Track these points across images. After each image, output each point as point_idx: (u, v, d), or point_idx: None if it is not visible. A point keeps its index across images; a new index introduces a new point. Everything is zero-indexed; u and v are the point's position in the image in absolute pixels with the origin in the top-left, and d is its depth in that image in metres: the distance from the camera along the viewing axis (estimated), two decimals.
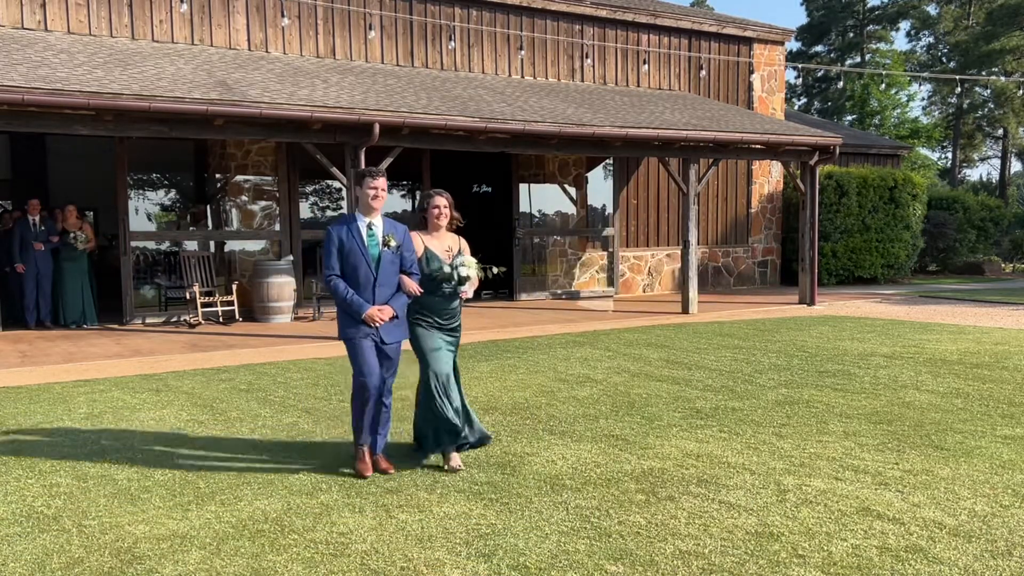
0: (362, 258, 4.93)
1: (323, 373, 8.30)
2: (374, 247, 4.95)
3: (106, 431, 6.05)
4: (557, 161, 15.71)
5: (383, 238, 4.98)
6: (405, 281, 5.03)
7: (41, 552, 3.86)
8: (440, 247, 5.22)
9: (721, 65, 17.56)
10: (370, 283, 4.93)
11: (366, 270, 4.93)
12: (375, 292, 4.94)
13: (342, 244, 4.94)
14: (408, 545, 3.88)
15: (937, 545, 3.82)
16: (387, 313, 4.93)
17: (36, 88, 8.62)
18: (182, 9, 12.43)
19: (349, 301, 4.89)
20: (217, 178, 13.25)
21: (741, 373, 8.09)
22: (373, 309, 4.90)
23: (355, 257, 4.93)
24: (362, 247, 4.94)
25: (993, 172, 50.33)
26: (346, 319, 4.98)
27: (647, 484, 4.71)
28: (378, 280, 4.94)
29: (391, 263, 4.98)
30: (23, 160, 15.84)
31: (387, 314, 4.93)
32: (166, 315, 12.52)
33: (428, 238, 5.24)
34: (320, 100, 10.24)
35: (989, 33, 37.54)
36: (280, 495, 4.60)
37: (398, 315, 5.00)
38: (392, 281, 4.99)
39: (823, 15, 45.03)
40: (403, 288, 5.03)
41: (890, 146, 23.28)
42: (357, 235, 4.95)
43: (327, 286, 5.00)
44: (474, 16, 14.77)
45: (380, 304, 4.94)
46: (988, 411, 6.41)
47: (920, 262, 21.03)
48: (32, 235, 11.47)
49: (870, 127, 37.38)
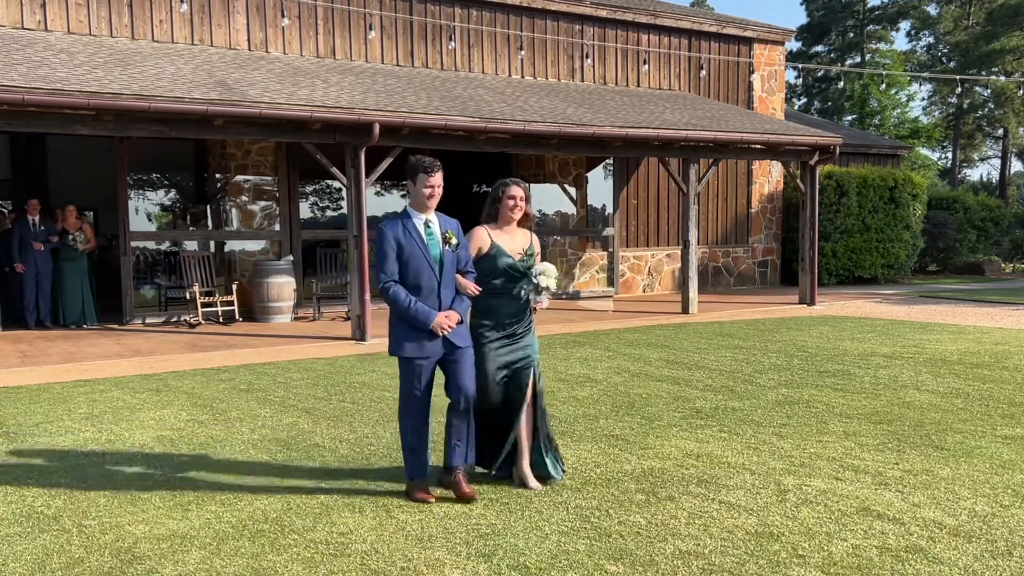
0: (424, 260, 4.41)
1: (323, 373, 8.30)
2: (435, 247, 4.45)
3: (106, 431, 6.05)
4: (557, 161, 15.71)
5: (443, 236, 4.48)
6: (463, 282, 4.55)
7: (41, 552, 3.85)
8: (511, 244, 4.68)
9: (721, 65, 17.56)
10: (434, 287, 4.43)
11: (429, 273, 4.42)
12: (440, 296, 4.45)
13: (400, 246, 4.40)
14: (408, 545, 3.88)
15: (937, 545, 3.82)
16: (454, 319, 4.44)
17: (36, 88, 8.62)
18: (182, 9, 12.43)
19: (414, 311, 4.36)
20: (217, 178, 13.25)
21: (741, 373, 8.09)
22: (440, 316, 4.40)
23: (416, 260, 4.41)
24: (423, 248, 4.42)
25: (993, 172, 50.35)
26: (405, 332, 4.45)
27: (647, 484, 4.71)
28: (442, 283, 4.45)
29: (452, 263, 4.50)
30: (23, 160, 15.83)
31: (454, 320, 4.44)
32: (166, 315, 12.52)
33: (498, 232, 4.68)
34: (320, 100, 10.24)
35: (989, 33, 37.55)
36: (280, 495, 4.60)
37: (463, 319, 4.54)
38: (452, 283, 4.53)
39: (823, 15, 45.02)
40: (461, 289, 4.55)
41: (890, 146, 23.28)
42: (415, 234, 4.44)
43: (384, 295, 4.42)
44: (474, 16, 14.77)
45: (445, 310, 4.45)
46: (988, 411, 6.41)
47: (920, 262, 21.03)
48: (32, 235, 11.46)
49: (870, 127, 37.37)
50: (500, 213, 4.69)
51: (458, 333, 4.47)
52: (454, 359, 4.48)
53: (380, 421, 6.27)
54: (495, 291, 4.59)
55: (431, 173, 4.47)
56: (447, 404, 4.59)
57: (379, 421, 6.27)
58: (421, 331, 4.40)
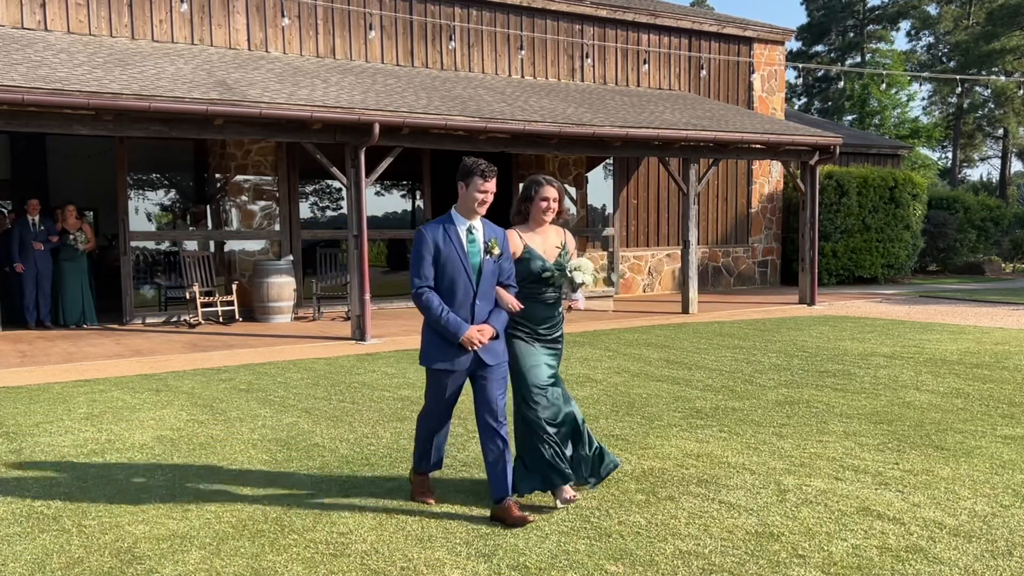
0: (461, 268, 4.15)
1: (323, 373, 8.30)
2: (475, 255, 4.19)
3: (106, 431, 6.05)
4: (557, 161, 15.71)
5: (485, 244, 4.21)
6: (503, 296, 4.28)
7: (41, 552, 3.85)
8: (543, 244, 4.44)
9: (721, 65, 17.56)
10: (469, 298, 4.17)
11: (465, 282, 4.16)
12: (474, 308, 4.19)
13: (438, 250, 4.15)
14: (408, 545, 3.88)
15: (937, 545, 3.82)
16: (487, 334, 4.18)
17: (36, 88, 8.62)
18: (182, 9, 12.43)
19: (445, 321, 4.11)
20: (217, 178, 13.25)
21: (741, 373, 8.09)
22: (472, 330, 4.13)
23: (453, 267, 4.15)
24: (461, 255, 4.15)
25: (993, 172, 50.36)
26: (437, 342, 4.21)
27: (647, 484, 4.71)
28: (478, 294, 4.19)
29: (492, 274, 4.22)
30: (23, 160, 15.83)
31: (487, 335, 4.18)
32: (166, 315, 12.52)
33: (529, 235, 4.44)
34: (320, 100, 10.24)
35: (989, 33, 37.55)
36: (280, 495, 4.60)
37: (498, 335, 4.25)
38: (491, 295, 4.25)
39: (823, 15, 45.04)
40: (501, 303, 4.28)
41: (890, 146, 23.28)
42: (456, 240, 4.17)
43: (416, 301, 4.20)
44: (474, 16, 14.77)
45: (479, 323, 4.20)
46: (988, 411, 6.41)
47: (920, 262, 21.03)
48: (32, 235, 11.47)
49: (870, 127, 37.38)
50: (532, 214, 4.45)
51: (490, 349, 4.22)
52: (483, 376, 4.24)
53: (380, 421, 6.27)
54: (528, 296, 4.37)
55: (487, 178, 4.17)
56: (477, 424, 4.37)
57: (379, 421, 6.27)
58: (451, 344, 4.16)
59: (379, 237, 14.30)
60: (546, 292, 4.43)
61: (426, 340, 4.27)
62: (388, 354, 9.44)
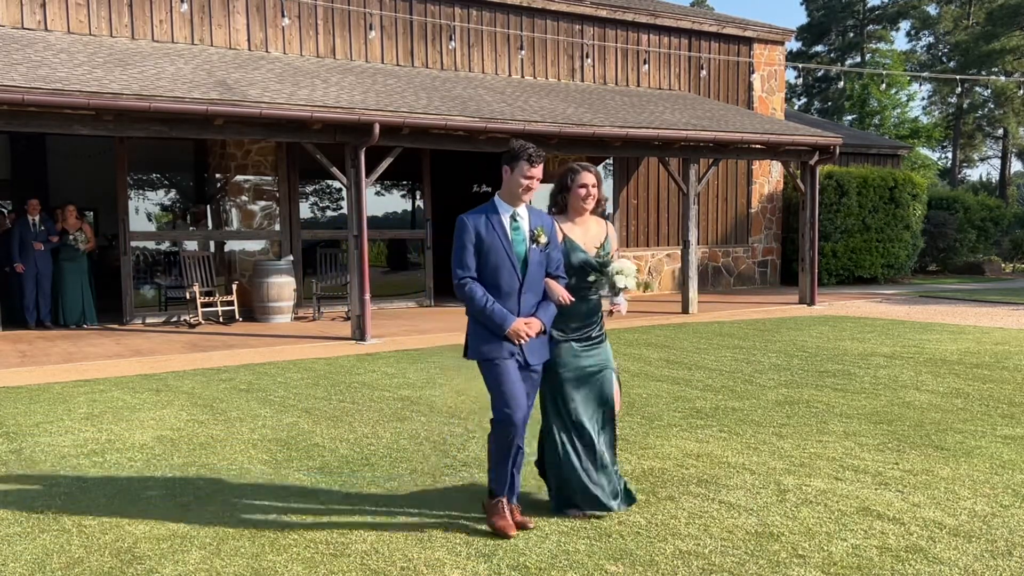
0: (506, 257, 3.94)
1: (323, 373, 8.30)
2: (520, 244, 3.97)
3: (106, 431, 6.05)
4: (557, 161, 15.70)
5: (531, 232, 3.98)
6: (552, 287, 4.03)
7: (41, 552, 3.85)
8: (583, 236, 4.19)
9: (721, 65, 17.56)
10: (515, 289, 3.95)
11: (510, 272, 3.94)
12: (520, 301, 3.96)
13: (480, 239, 3.93)
14: (408, 545, 3.88)
15: (937, 545, 3.82)
16: (535, 328, 3.93)
17: (36, 88, 8.62)
18: (182, 9, 12.43)
19: (489, 311, 3.89)
20: (217, 178, 13.25)
21: (741, 373, 8.09)
22: (519, 322, 3.90)
23: (496, 256, 3.93)
24: (505, 243, 3.94)
25: (993, 172, 50.36)
26: (482, 334, 3.97)
27: (647, 484, 4.71)
28: (524, 285, 3.95)
29: (539, 264, 3.99)
30: (23, 160, 15.83)
31: (535, 329, 3.93)
32: (166, 315, 12.52)
33: (568, 225, 4.20)
34: (320, 100, 10.24)
35: (989, 33, 37.55)
36: (280, 495, 4.60)
37: (546, 330, 4.01)
38: (539, 287, 4.00)
39: (823, 15, 45.04)
40: (550, 295, 4.03)
41: (890, 146, 23.28)
42: (499, 228, 3.95)
43: (459, 291, 3.97)
44: (474, 16, 14.77)
45: (526, 316, 3.95)
46: (988, 411, 6.41)
47: (920, 262, 21.03)
48: (32, 235, 11.47)
49: (870, 127, 37.38)
50: (570, 203, 4.19)
51: (534, 348, 3.98)
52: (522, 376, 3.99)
53: (380, 421, 6.27)
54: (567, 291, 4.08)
55: (534, 163, 3.94)
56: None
57: (379, 421, 6.27)
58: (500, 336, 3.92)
59: (379, 237, 14.30)
60: (586, 288, 4.16)
61: (471, 333, 4.05)
62: (388, 354, 9.44)
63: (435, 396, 7.14)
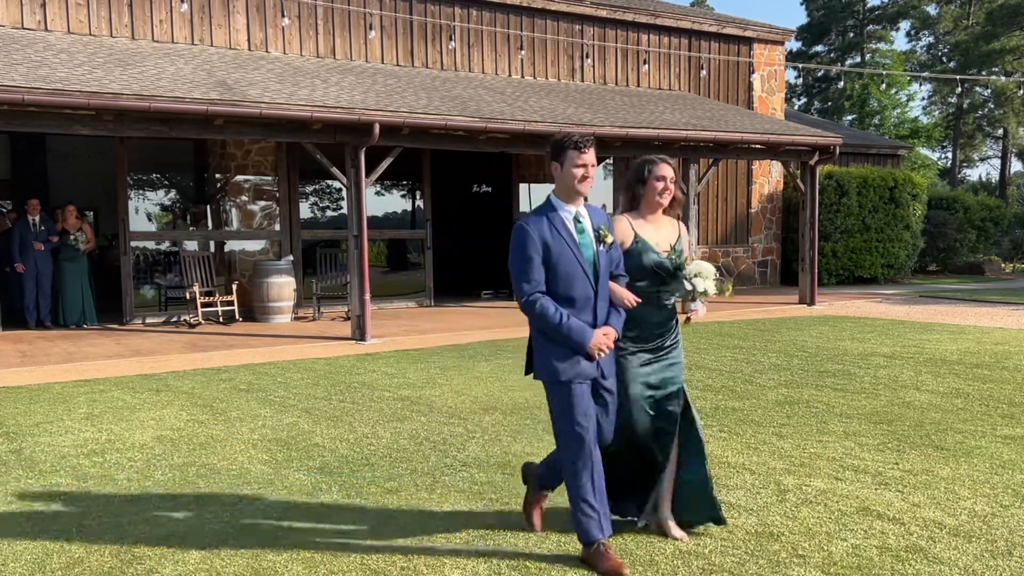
0: (577, 265, 3.53)
1: (323, 373, 8.30)
2: (587, 247, 3.58)
3: (106, 431, 6.05)
4: None
5: (596, 232, 3.62)
6: (616, 290, 3.66)
7: (41, 552, 3.85)
8: (656, 236, 3.83)
9: (721, 65, 17.56)
10: (590, 301, 3.55)
11: (583, 281, 3.54)
12: (596, 311, 3.57)
13: (547, 248, 3.51)
14: (408, 545, 3.88)
15: (937, 545, 3.82)
16: (612, 337, 3.60)
17: (36, 88, 8.62)
18: (182, 9, 12.43)
19: (567, 329, 3.48)
20: (217, 178, 13.25)
21: (741, 373, 8.09)
22: (598, 334, 3.52)
23: (567, 265, 3.52)
24: (575, 249, 3.53)
25: (993, 172, 50.37)
26: (553, 350, 3.56)
27: None
28: (598, 293, 3.58)
29: (608, 268, 3.63)
30: (23, 160, 15.83)
31: (612, 339, 3.60)
32: (166, 315, 12.52)
33: (640, 222, 3.83)
34: (320, 100, 10.24)
35: (989, 33, 37.56)
36: (280, 495, 4.60)
37: (620, 337, 3.68)
38: (607, 292, 3.64)
39: (823, 15, 45.05)
40: (616, 299, 3.66)
41: (890, 146, 23.28)
42: (564, 232, 3.55)
43: (528, 310, 3.53)
44: (474, 16, 14.77)
45: (601, 326, 3.58)
46: (988, 411, 6.41)
47: (920, 262, 21.03)
48: (32, 235, 11.47)
49: (870, 127, 37.40)
50: (645, 198, 3.81)
51: (607, 360, 3.65)
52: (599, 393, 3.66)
53: (380, 421, 6.27)
54: (638, 295, 3.71)
55: (583, 149, 3.53)
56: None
57: (379, 421, 6.27)
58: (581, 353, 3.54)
59: (379, 237, 14.31)
60: (660, 292, 3.81)
61: (541, 351, 3.62)
62: (388, 354, 9.44)
63: (435, 396, 7.14)
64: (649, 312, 3.77)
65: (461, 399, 7.00)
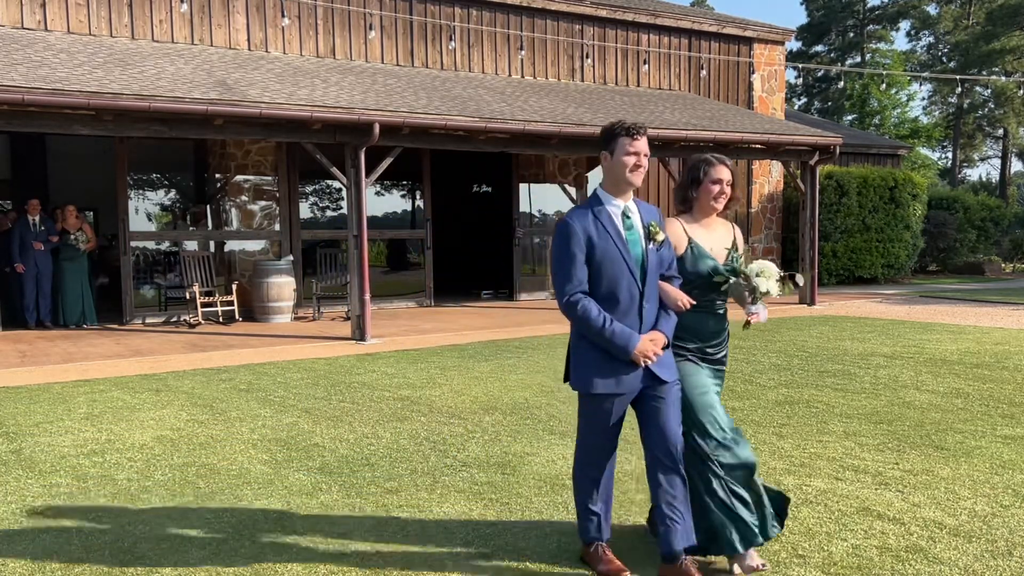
0: (623, 264, 3.27)
1: (323, 373, 8.30)
2: (635, 244, 3.31)
3: (106, 431, 6.05)
4: (557, 161, 15.71)
5: (646, 229, 3.34)
6: (668, 291, 3.40)
7: (41, 552, 3.85)
8: (710, 240, 3.58)
9: (721, 65, 17.56)
10: (635, 302, 3.29)
11: (629, 282, 3.28)
12: (642, 314, 3.31)
13: (591, 245, 3.26)
14: (408, 545, 3.88)
15: (937, 545, 3.81)
16: (660, 343, 3.32)
17: (36, 88, 8.62)
18: (182, 9, 12.43)
19: (610, 333, 3.23)
20: (217, 178, 13.25)
21: (741, 373, 8.08)
22: (645, 340, 3.27)
23: (612, 262, 3.27)
24: (621, 247, 3.28)
25: (993, 172, 50.39)
26: (593, 359, 3.33)
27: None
28: (645, 295, 3.31)
29: (657, 267, 3.36)
30: (23, 160, 15.83)
31: (660, 344, 3.32)
32: (166, 315, 12.52)
33: (695, 226, 3.58)
34: (320, 100, 10.24)
35: (989, 33, 37.58)
36: (280, 495, 4.60)
37: (669, 343, 3.41)
38: (657, 294, 3.37)
39: (823, 15, 45.07)
40: (667, 301, 3.39)
41: (890, 146, 23.28)
42: (611, 227, 3.29)
43: (569, 311, 3.31)
44: (474, 16, 14.77)
45: (648, 331, 3.32)
46: (988, 411, 6.41)
47: (920, 262, 21.04)
48: (32, 235, 11.47)
49: (870, 127, 37.41)
50: (700, 201, 3.57)
51: (664, 363, 3.36)
52: (658, 396, 3.36)
53: (380, 421, 6.27)
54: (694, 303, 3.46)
55: (636, 135, 3.28)
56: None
57: (379, 421, 6.27)
58: (617, 359, 3.29)
59: (379, 237, 14.31)
60: (716, 300, 3.57)
61: (579, 357, 3.40)
62: (388, 354, 9.44)
63: (435, 396, 7.14)
64: (704, 321, 3.56)
65: (461, 399, 7.00)
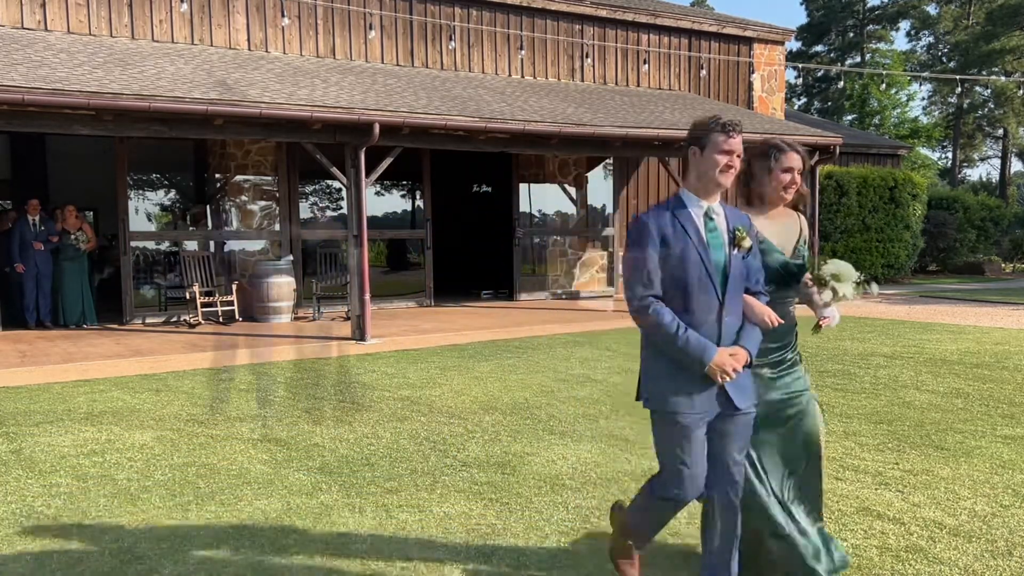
0: (702, 269, 2.97)
1: (323, 373, 8.30)
2: (718, 249, 3.00)
3: (106, 431, 6.05)
4: (557, 161, 15.71)
5: (731, 234, 3.03)
6: (756, 307, 3.09)
7: (41, 552, 3.85)
8: (779, 234, 3.29)
9: (721, 65, 17.56)
10: (713, 311, 2.99)
11: (708, 289, 2.98)
12: (721, 325, 3.01)
13: (667, 246, 2.97)
14: (408, 545, 3.88)
15: (937, 545, 3.82)
16: (742, 359, 3.00)
17: (36, 88, 8.61)
18: (182, 9, 12.43)
19: (683, 341, 2.93)
20: (217, 178, 13.25)
21: None
22: (723, 353, 2.96)
23: (689, 268, 2.97)
24: (701, 251, 2.98)
25: (993, 172, 50.37)
26: (668, 374, 3.02)
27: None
28: (725, 305, 3.01)
29: (741, 276, 3.04)
30: (23, 160, 15.83)
31: (742, 361, 3.00)
32: (166, 315, 12.52)
33: (760, 219, 3.25)
34: (320, 100, 10.23)
35: (989, 33, 37.58)
36: (280, 495, 4.60)
37: (751, 362, 3.06)
38: (739, 306, 3.06)
39: (823, 15, 45.06)
40: (753, 317, 3.09)
41: (890, 146, 23.29)
42: (692, 230, 2.99)
43: (640, 317, 3.00)
44: (474, 16, 14.76)
45: (728, 345, 3.01)
46: (988, 411, 6.41)
47: (920, 262, 21.04)
48: (32, 235, 11.46)
49: (870, 127, 37.41)
50: (768, 190, 3.26)
51: (740, 385, 3.04)
52: (727, 427, 3.06)
53: (380, 421, 6.27)
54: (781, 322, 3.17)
55: (731, 133, 2.97)
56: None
57: (379, 421, 6.27)
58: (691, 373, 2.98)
59: (379, 237, 14.30)
60: (786, 298, 3.34)
61: (651, 369, 3.08)
62: (388, 354, 9.44)
63: (435, 396, 7.14)
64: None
65: (461, 399, 7.00)
